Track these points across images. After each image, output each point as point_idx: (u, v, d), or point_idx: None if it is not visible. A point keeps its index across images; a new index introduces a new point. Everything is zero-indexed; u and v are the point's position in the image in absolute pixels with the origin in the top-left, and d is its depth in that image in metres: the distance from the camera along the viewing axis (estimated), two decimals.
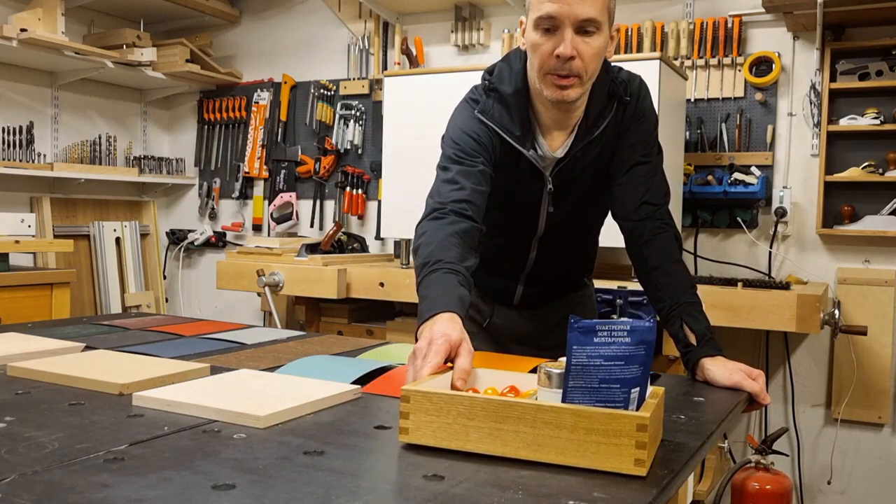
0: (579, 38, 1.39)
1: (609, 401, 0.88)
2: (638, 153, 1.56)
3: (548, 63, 1.42)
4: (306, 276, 3.05)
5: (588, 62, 1.41)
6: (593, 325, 0.88)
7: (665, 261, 1.49)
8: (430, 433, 0.93)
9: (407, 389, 0.95)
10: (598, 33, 1.40)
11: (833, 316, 2.60)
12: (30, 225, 3.34)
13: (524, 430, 0.89)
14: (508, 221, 1.65)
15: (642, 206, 1.53)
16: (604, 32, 1.42)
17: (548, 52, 1.41)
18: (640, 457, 0.84)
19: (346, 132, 3.92)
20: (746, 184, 3.02)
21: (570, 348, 0.88)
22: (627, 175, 1.56)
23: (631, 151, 1.56)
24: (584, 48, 1.40)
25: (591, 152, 1.56)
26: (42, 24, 3.38)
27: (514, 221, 1.65)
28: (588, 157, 1.56)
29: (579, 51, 1.39)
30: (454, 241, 1.37)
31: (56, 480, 0.80)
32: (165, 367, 1.29)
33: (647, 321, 0.89)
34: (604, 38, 1.42)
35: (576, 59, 1.40)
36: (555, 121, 1.53)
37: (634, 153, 1.56)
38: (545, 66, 1.43)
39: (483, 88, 1.57)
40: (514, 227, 1.66)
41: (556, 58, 1.40)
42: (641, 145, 1.56)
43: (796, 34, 3.07)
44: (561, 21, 1.38)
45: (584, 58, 1.40)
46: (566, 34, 1.38)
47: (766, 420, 3.13)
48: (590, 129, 1.54)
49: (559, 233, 1.66)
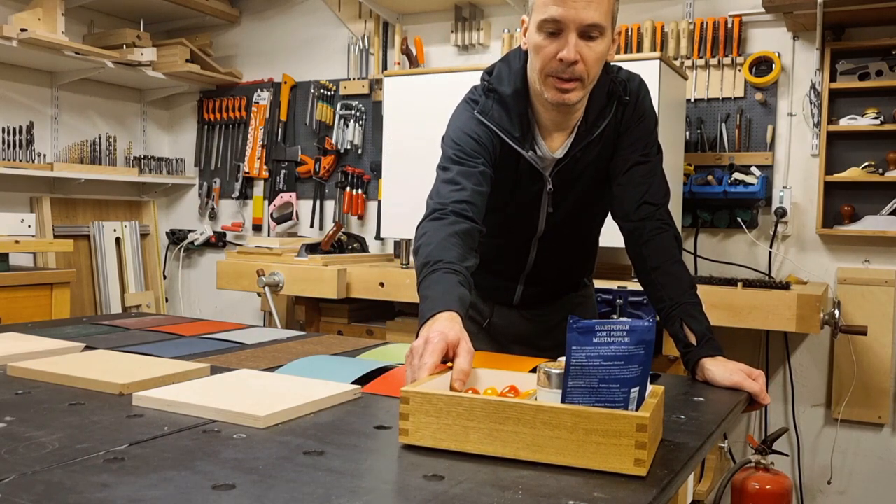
0: (583, 42, 1.39)
1: (609, 401, 0.88)
2: (638, 153, 1.56)
3: (550, 65, 1.42)
4: (306, 276, 3.05)
5: (590, 66, 1.42)
6: (592, 325, 0.88)
7: (665, 261, 1.49)
8: (429, 434, 0.93)
9: (406, 391, 0.95)
10: (602, 38, 1.40)
11: (833, 316, 2.60)
12: (30, 225, 3.34)
13: (524, 430, 0.89)
14: (508, 222, 1.65)
15: (642, 206, 1.53)
16: (607, 37, 1.42)
17: (550, 55, 1.41)
18: (640, 457, 0.84)
19: (346, 132, 3.92)
20: (746, 184, 3.02)
21: (570, 348, 0.88)
22: (627, 175, 1.55)
23: (631, 151, 1.56)
24: (588, 52, 1.40)
25: (591, 153, 1.56)
26: (42, 24, 3.38)
27: (514, 222, 1.65)
28: (588, 158, 1.56)
29: (582, 55, 1.39)
30: (454, 242, 1.37)
31: (56, 480, 0.80)
32: (165, 367, 1.29)
33: (646, 321, 0.89)
34: (606, 43, 1.43)
35: (579, 64, 1.40)
36: (554, 122, 1.54)
37: (634, 153, 1.56)
38: (547, 69, 1.43)
39: (482, 89, 1.57)
40: (514, 227, 1.66)
41: (559, 61, 1.40)
42: (641, 144, 1.56)
43: (796, 34, 3.07)
44: (566, 25, 1.37)
45: (587, 62, 1.40)
46: (570, 38, 1.38)
47: (766, 420, 3.13)
48: (589, 130, 1.54)
49: (559, 233, 1.66)
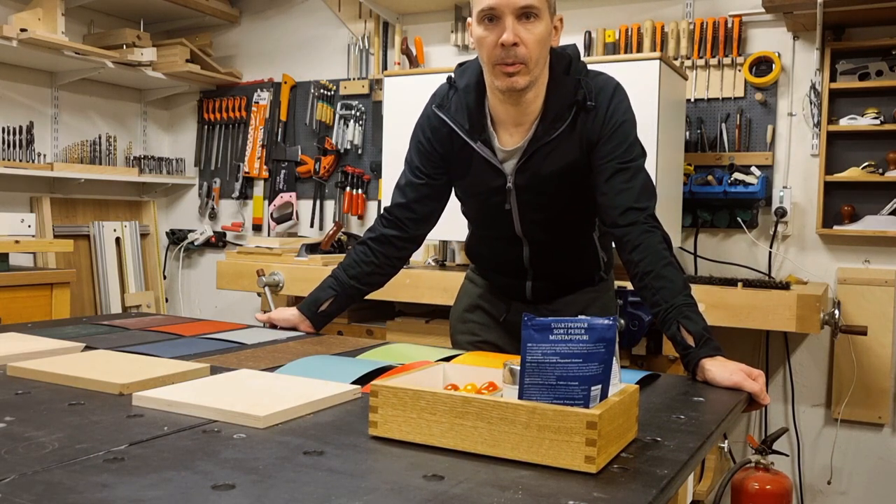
0: (521, 25, 1.47)
1: (567, 398, 0.89)
2: (616, 160, 1.56)
3: (494, 53, 1.49)
4: (306, 276, 3.05)
5: (532, 48, 1.48)
6: (549, 322, 0.89)
7: (655, 264, 1.49)
8: (396, 427, 0.96)
9: (376, 384, 0.98)
10: (539, 20, 1.48)
11: (833, 316, 2.60)
12: (30, 225, 3.33)
13: (482, 425, 0.91)
14: (486, 219, 1.73)
15: (627, 211, 1.54)
16: (544, 19, 1.49)
17: (492, 43, 1.48)
18: (591, 454, 0.86)
19: (346, 132, 3.92)
20: (746, 184, 3.02)
21: (525, 345, 0.90)
22: (608, 184, 1.57)
23: (608, 160, 1.57)
24: (527, 35, 1.47)
25: (556, 156, 1.58)
26: (42, 24, 3.38)
27: (491, 218, 1.71)
28: (554, 162, 1.59)
29: (522, 38, 1.47)
30: (359, 249, 1.77)
31: (56, 480, 0.80)
32: (165, 367, 1.29)
33: (607, 319, 0.89)
34: (545, 25, 1.49)
35: (520, 46, 1.47)
36: (510, 116, 1.59)
37: (613, 160, 1.57)
38: (492, 57, 1.50)
39: (447, 82, 1.67)
40: (494, 224, 1.72)
41: (501, 46, 1.47)
42: (620, 151, 1.57)
43: (796, 34, 3.07)
44: (501, 11, 1.46)
45: (528, 44, 1.47)
46: (507, 22, 1.46)
47: (766, 420, 3.13)
48: (547, 131, 1.57)
49: (545, 232, 1.69)
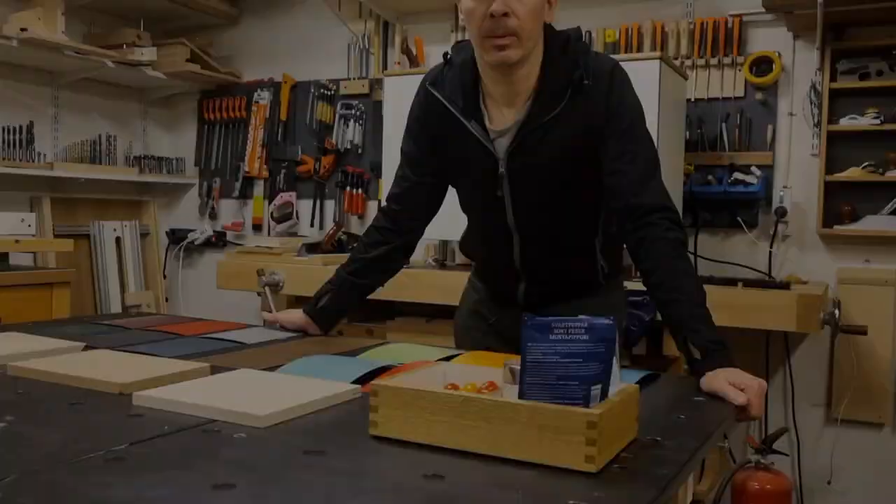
0: None
1: (568, 398, 0.89)
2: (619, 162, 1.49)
3: (483, 26, 1.43)
4: (306, 276, 3.04)
5: (524, 19, 1.42)
6: (549, 321, 0.89)
7: (666, 275, 1.42)
8: (396, 427, 0.96)
9: (376, 384, 0.98)
10: None
11: (833, 316, 2.60)
12: (30, 224, 3.33)
13: (482, 424, 0.91)
14: (476, 205, 1.68)
15: (638, 216, 1.47)
16: None
17: (482, 15, 1.42)
18: (591, 453, 0.86)
19: (346, 132, 3.92)
20: (747, 183, 3.02)
21: (525, 345, 0.90)
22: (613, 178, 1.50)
23: (613, 161, 1.50)
24: (517, 6, 1.41)
25: (551, 141, 1.51)
26: (42, 24, 3.38)
27: (480, 203, 1.66)
28: (548, 148, 1.52)
29: (513, 8, 1.41)
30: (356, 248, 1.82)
31: (56, 480, 0.80)
32: (165, 367, 1.29)
33: (606, 319, 0.89)
34: None
35: (510, 17, 1.40)
36: (503, 94, 1.53)
37: (616, 162, 1.50)
38: (482, 30, 1.43)
39: (443, 58, 1.62)
40: (484, 210, 1.66)
41: (491, 17, 1.41)
42: (625, 149, 1.50)
43: (796, 34, 3.07)
44: None
45: (519, 15, 1.41)
46: None
47: (767, 420, 3.13)
48: (542, 110, 1.50)
49: (537, 224, 1.62)
